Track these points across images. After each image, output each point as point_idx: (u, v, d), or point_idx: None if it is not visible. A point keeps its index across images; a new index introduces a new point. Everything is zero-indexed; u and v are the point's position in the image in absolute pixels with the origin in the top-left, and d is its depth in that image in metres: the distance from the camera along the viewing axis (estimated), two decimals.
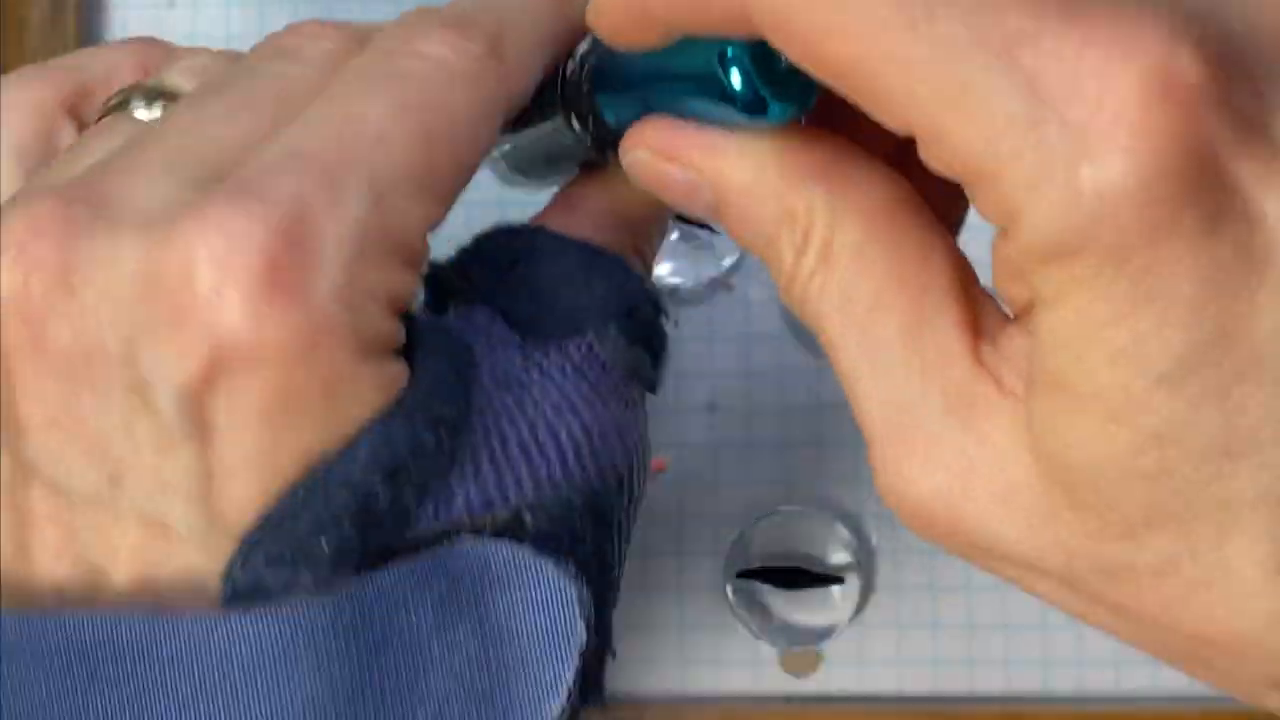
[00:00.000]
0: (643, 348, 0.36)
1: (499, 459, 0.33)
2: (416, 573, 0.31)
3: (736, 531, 0.53)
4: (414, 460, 0.32)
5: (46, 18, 0.55)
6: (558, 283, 0.37)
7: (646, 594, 0.54)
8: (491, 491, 0.33)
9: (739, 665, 0.53)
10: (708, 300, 0.54)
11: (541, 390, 0.35)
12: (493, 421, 0.34)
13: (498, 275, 0.37)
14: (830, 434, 0.53)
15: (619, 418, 0.35)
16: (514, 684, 0.32)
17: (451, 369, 0.34)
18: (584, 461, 0.34)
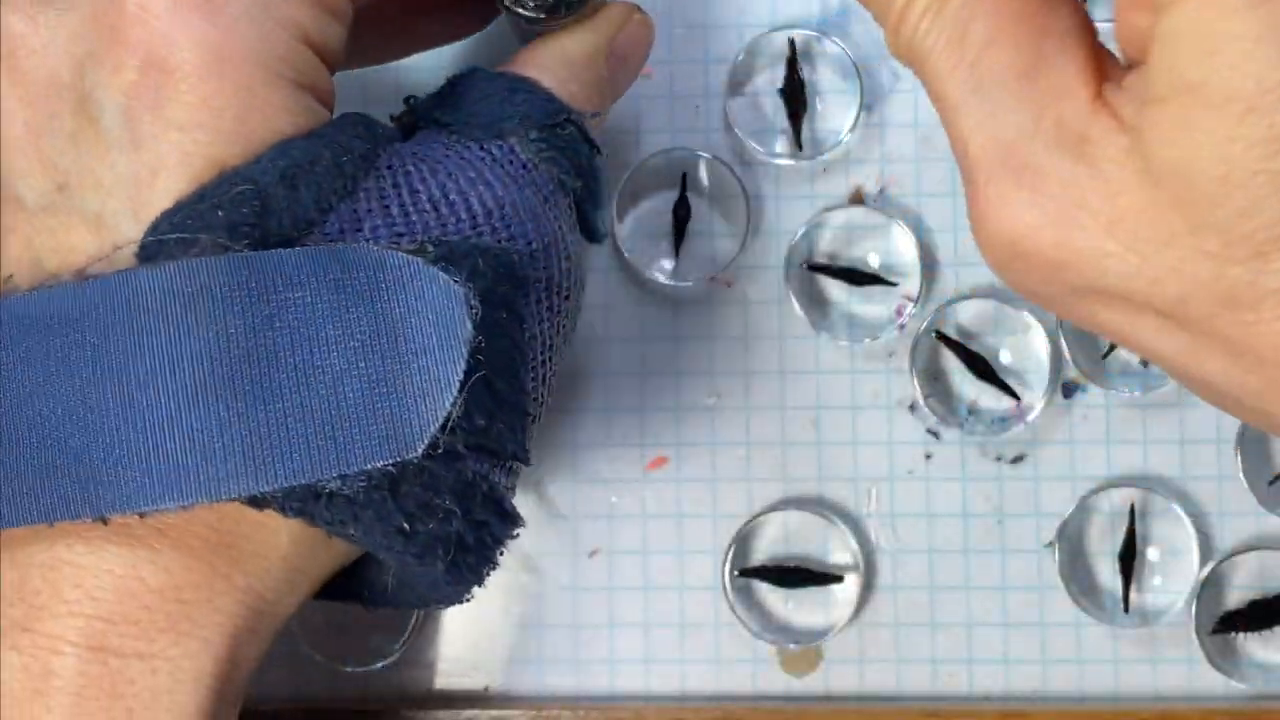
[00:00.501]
0: (566, 159, 0.42)
1: (408, 205, 0.38)
2: (313, 256, 0.36)
3: (736, 530, 0.53)
4: (310, 170, 0.37)
5: None
6: (486, 99, 0.42)
7: (646, 592, 0.54)
8: (399, 227, 0.38)
9: (738, 664, 0.53)
10: (708, 300, 0.54)
11: (459, 164, 0.40)
12: (404, 178, 0.39)
13: (438, 99, 0.43)
14: (830, 434, 0.54)
15: (533, 204, 0.40)
16: (409, 374, 0.36)
17: (364, 123, 0.40)
18: (494, 224, 0.39)
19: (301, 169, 0.37)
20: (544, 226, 0.41)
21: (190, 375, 0.35)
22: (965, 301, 0.53)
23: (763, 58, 0.54)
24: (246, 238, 0.36)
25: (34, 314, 0.36)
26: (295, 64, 0.39)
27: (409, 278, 0.36)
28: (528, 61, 0.44)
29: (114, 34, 0.37)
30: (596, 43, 0.45)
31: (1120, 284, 0.29)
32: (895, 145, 0.54)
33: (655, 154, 0.54)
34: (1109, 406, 0.53)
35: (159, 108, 0.37)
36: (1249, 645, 0.52)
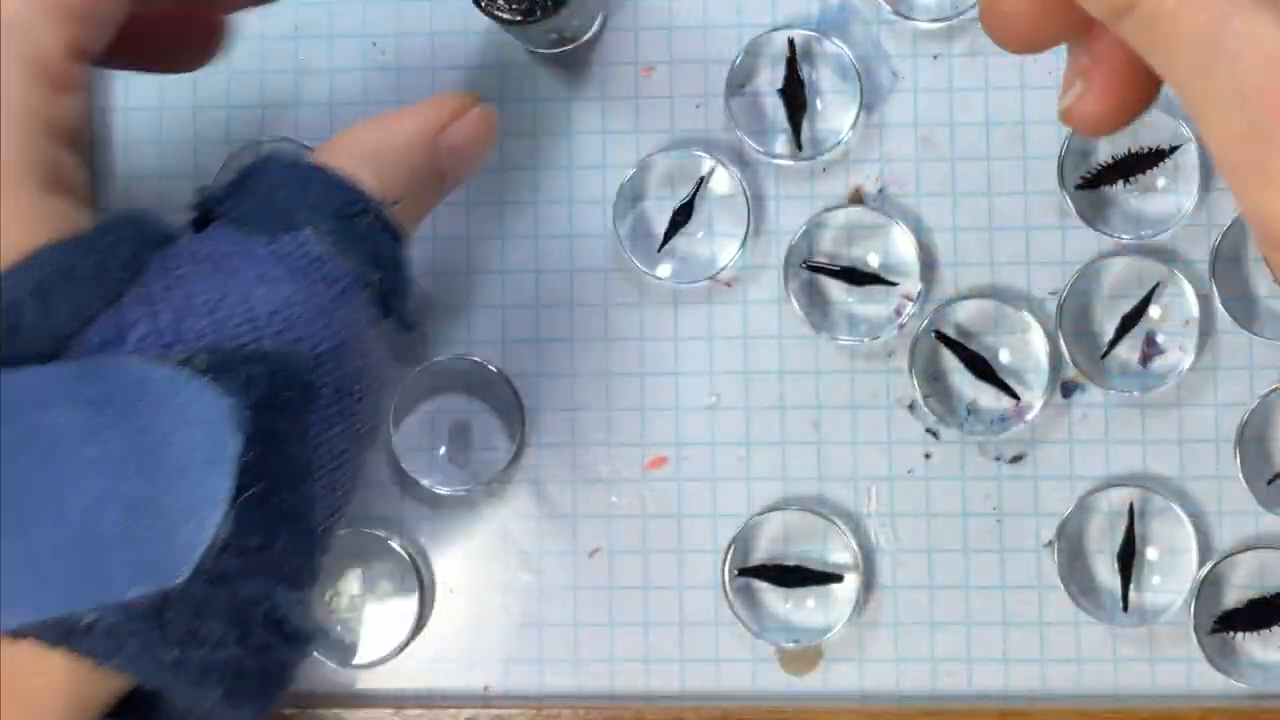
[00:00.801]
0: (364, 251, 0.40)
1: (180, 311, 0.36)
2: (68, 373, 0.34)
3: (736, 530, 0.53)
4: (66, 280, 0.35)
5: None
6: (279, 187, 0.40)
7: (646, 592, 0.54)
8: (168, 336, 0.35)
9: (738, 663, 0.53)
10: (708, 300, 0.54)
11: (243, 262, 0.38)
12: (180, 281, 0.37)
13: (230, 190, 0.40)
14: (830, 433, 0.54)
15: (324, 302, 0.38)
16: (172, 495, 0.34)
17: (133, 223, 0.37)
18: (277, 326, 0.37)
19: (56, 279, 0.35)
20: (335, 325, 0.38)
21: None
22: (964, 301, 0.53)
23: (763, 58, 0.54)
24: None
25: None
26: (42, 162, 0.36)
27: (173, 392, 0.34)
28: (333, 149, 0.42)
29: None
30: (418, 132, 0.43)
31: None
32: (895, 145, 0.54)
33: (655, 154, 0.54)
34: (1108, 406, 0.53)
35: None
36: (1248, 644, 0.53)
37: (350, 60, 0.56)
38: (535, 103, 0.55)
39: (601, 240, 0.55)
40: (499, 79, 0.55)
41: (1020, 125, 0.54)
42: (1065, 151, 0.53)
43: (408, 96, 0.55)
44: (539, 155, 0.55)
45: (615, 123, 0.55)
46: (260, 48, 0.56)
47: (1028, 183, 0.54)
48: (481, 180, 0.55)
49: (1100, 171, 0.53)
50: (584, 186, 0.55)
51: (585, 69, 0.55)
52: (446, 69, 0.55)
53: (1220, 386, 0.53)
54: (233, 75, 0.56)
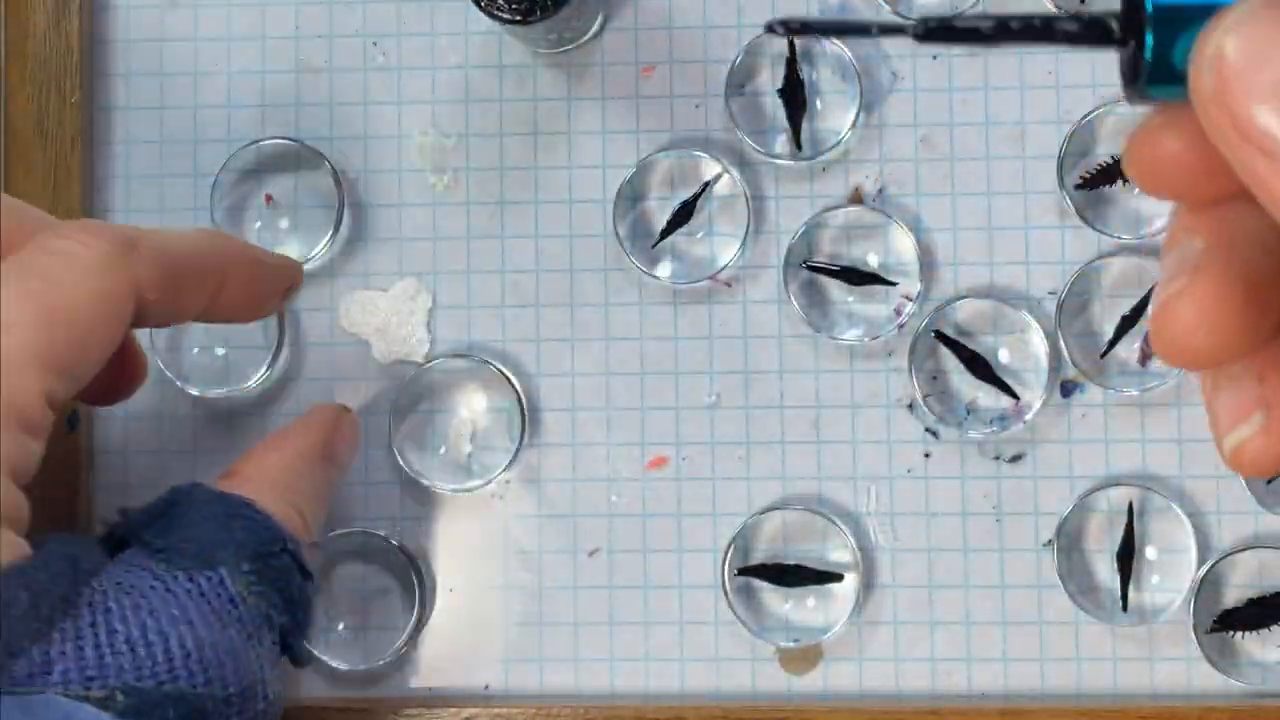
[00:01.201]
0: (276, 593, 0.43)
1: (104, 646, 0.38)
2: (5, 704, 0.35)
3: (736, 529, 0.53)
4: (4, 614, 0.36)
5: (51, 19, 0.55)
6: (202, 522, 0.43)
7: (646, 591, 0.54)
8: (91, 670, 0.37)
9: (738, 663, 0.53)
10: (708, 300, 0.54)
11: (162, 601, 0.40)
12: (104, 616, 0.39)
13: (153, 517, 0.44)
14: (829, 433, 0.54)
15: (236, 644, 0.41)
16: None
17: (68, 560, 0.39)
18: (190, 667, 0.39)
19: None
20: (244, 668, 0.41)
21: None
22: (964, 301, 0.53)
23: (763, 58, 0.55)
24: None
25: None
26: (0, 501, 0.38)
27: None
28: (242, 479, 0.45)
29: None
30: (312, 451, 0.48)
31: None
32: (894, 145, 0.54)
33: (655, 154, 0.54)
34: (1107, 406, 0.53)
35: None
36: (1247, 643, 0.53)
37: (350, 60, 0.56)
38: (535, 103, 0.55)
39: (601, 240, 0.55)
40: (499, 79, 0.55)
41: (1020, 125, 0.54)
42: (1064, 151, 0.53)
43: (408, 96, 0.55)
44: (539, 155, 0.55)
45: (615, 123, 0.55)
46: (260, 48, 0.56)
47: (1027, 183, 0.54)
48: (481, 180, 0.55)
49: (1099, 171, 0.53)
50: (584, 186, 0.55)
51: (585, 69, 0.55)
52: (446, 69, 0.56)
53: None
54: (233, 75, 0.56)
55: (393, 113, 0.56)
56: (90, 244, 0.41)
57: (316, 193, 0.55)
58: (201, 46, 0.56)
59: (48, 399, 0.40)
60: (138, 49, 0.56)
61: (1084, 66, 0.54)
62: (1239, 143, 0.25)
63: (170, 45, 0.56)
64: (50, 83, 0.55)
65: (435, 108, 0.55)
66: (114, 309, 0.41)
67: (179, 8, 0.56)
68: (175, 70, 0.56)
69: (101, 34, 0.56)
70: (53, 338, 0.40)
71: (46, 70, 0.55)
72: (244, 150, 0.55)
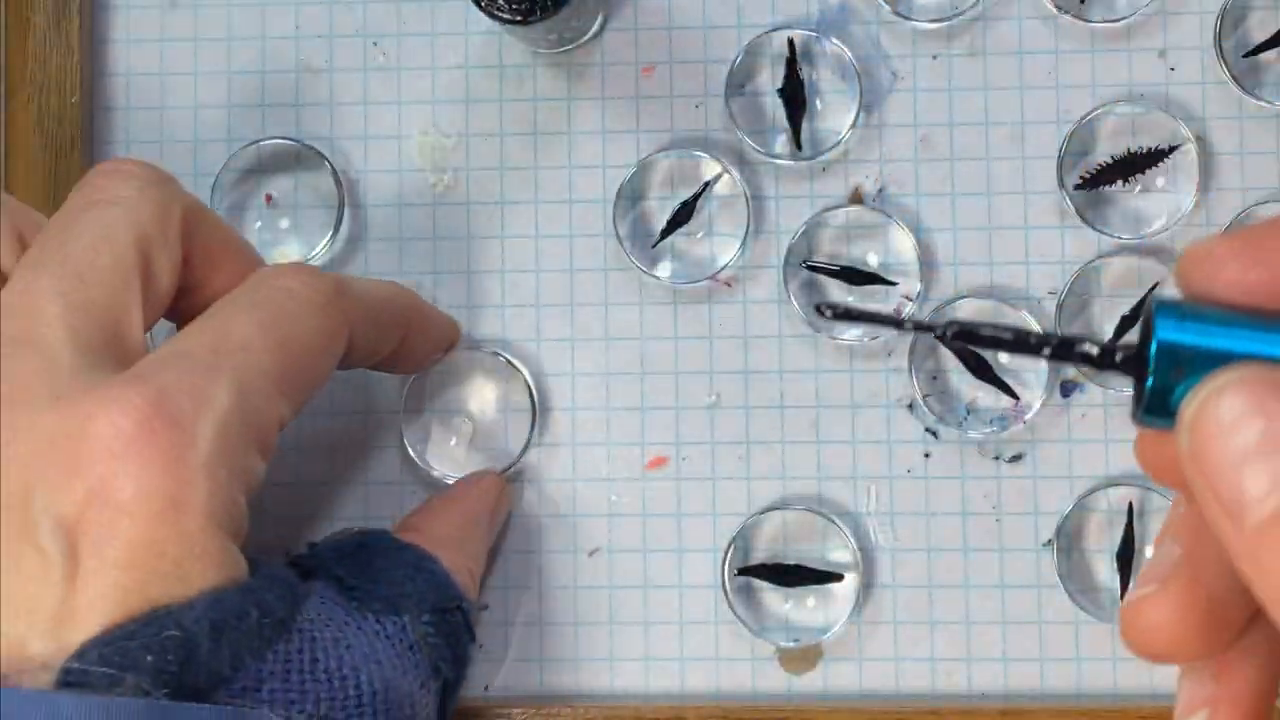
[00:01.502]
0: (448, 647, 0.44)
1: (306, 673, 0.39)
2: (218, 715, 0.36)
3: (736, 529, 0.53)
4: (236, 627, 0.38)
5: (51, 20, 0.55)
6: (391, 570, 0.44)
7: (646, 591, 0.54)
8: (294, 695, 0.39)
9: (738, 663, 0.53)
10: (708, 300, 0.54)
11: (357, 636, 0.42)
12: (309, 644, 0.40)
13: (345, 556, 0.45)
14: (829, 433, 0.54)
15: (413, 690, 0.42)
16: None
17: (286, 584, 0.41)
18: (376, 706, 0.40)
19: (229, 624, 0.38)
20: (417, 715, 0.42)
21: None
22: (964, 300, 0.53)
23: (763, 58, 0.55)
24: (166, 686, 0.37)
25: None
26: (233, 516, 0.40)
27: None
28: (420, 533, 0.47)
29: (72, 463, 0.37)
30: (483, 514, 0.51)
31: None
32: (894, 145, 0.54)
33: (655, 154, 0.54)
34: (1107, 405, 0.53)
35: (104, 544, 0.37)
36: None
37: (350, 60, 0.56)
38: (535, 103, 0.55)
39: (601, 240, 0.55)
40: (499, 79, 0.55)
41: (1019, 125, 0.54)
42: (1064, 151, 0.53)
43: (408, 96, 0.55)
44: (539, 155, 0.55)
45: (615, 123, 0.55)
46: (260, 48, 0.56)
47: (1027, 183, 0.54)
48: (482, 180, 0.55)
49: (1099, 171, 0.53)
50: (584, 186, 0.55)
51: (585, 69, 0.55)
52: (446, 69, 0.56)
53: None
54: (233, 75, 0.56)
55: (393, 113, 0.56)
56: (312, 284, 0.44)
57: (316, 193, 0.55)
58: (201, 46, 0.56)
59: (283, 423, 0.42)
60: (138, 49, 0.56)
61: (1084, 66, 0.54)
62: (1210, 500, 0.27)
63: (170, 45, 0.56)
64: (50, 83, 0.55)
65: (435, 108, 0.55)
66: (333, 346, 0.44)
67: (179, 8, 0.56)
68: (175, 70, 0.56)
69: (101, 34, 0.56)
70: (285, 366, 0.42)
71: (46, 70, 0.55)
72: (244, 150, 0.55)
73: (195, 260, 0.45)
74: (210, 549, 0.39)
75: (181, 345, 0.41)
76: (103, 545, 0.37)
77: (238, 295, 0.43)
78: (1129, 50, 0.54)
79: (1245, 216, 0.53)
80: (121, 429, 0.38)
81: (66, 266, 0.41)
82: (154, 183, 0.44)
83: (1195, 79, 0.54)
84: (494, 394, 0.54)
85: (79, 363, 0.40)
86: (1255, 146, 0.53)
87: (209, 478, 0.39)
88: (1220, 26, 0.53)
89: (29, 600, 0.37)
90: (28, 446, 0.38)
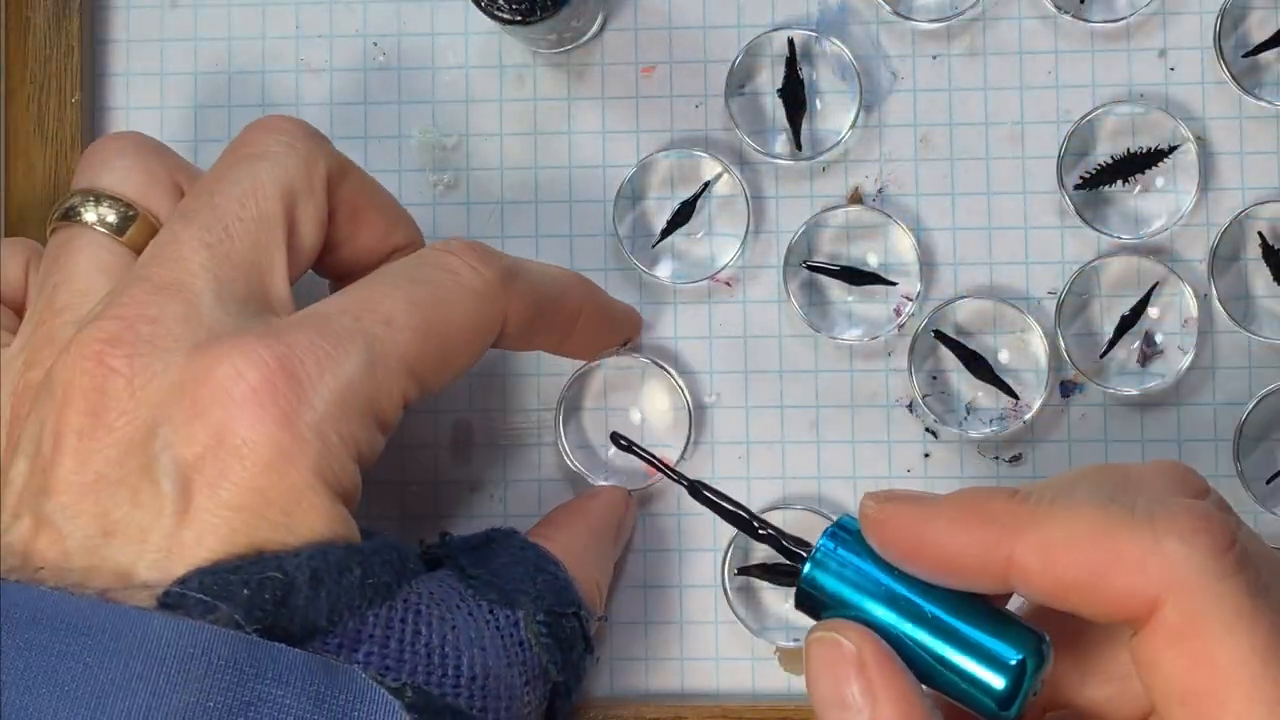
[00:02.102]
0: (560, 651, 0.44)
1: (406, 643, 0.40)
2: (308, 662, 0.37)
3: (736, 529, 0.53)
4: (337, 580, 0.39)
5: (51, 19, 0.55)
6: (513, 565, 0.45)
7: (646, 590, 0.54)
8: (390, 661, 0.39)
9: (738, 662, 0.53)
10: (708, 300, 0.54)
11: (465, 620, 0.42)
12: (413, 616, 0.40)
13: (471, 549, 0.45)
14: (829, 433, 0.54)
15: (516, 684, 0.42)
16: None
17: (398, 552, 0.41)
18: (473, 690, 0.40)
19: (330, 577, 0.39)
20: (516, 710, 0.42)
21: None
22: (964, 300, 0.53)
23: (762, 58, 0.55)
24: (259, 623, 0.38)
25: (49, 612, 0.37)
26: (342, 478, 0.40)
27: (382, 715, 0.37)
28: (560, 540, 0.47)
29: (195, 406, 0.39)
30: (610, 529, 0.51)
31: None
32: (894, 145, 0.54)
33: (655, 154, 0.54)
34: (1107, 405, 0.53)
35: (216, 485, 0.39)
36: None
37: (350, 60, 0.56)
38: (535, 103, 0.55)
39: (601, 240, 0.55)
40: (499, 79, 0.55)
41: (1019, 125, 0.54)
42: (1064, 151, 0.53)
43: (408, 96, 0.55)
44: (539, 155, 0.55)
45: (615, 123, 0.55)
46: (260, 47, 0.56)
47: (1026, 183, 0.54)
48: (482, 180, 0.55)
49: (1099, 171, 0.53)
50: (584, 186, 0.55)
51: (585, 69, 0.55)
52: (446, 69, 0.56)
53: (1218, 386, 0.53)
54: (233, 75, 0.56)
55: (393, 113, 0.56)
56: (479, 271, 0.44)
57: None
58: (201, 46, 0.56)
59: (405, 403, 0.42)
60: (138, 49, 0.56)
61: (1084, 66, 0.54)
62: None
63: (170, 45, 0.56)
64: (50, 83, 0.55)
65: (435, 108, 0.56)
66: (481, 337, 0.44)
67: (179, 8, 0.56)
68: (175, 70, 0.56)
69: (101, 34, 0.56)
70: (424, 349, 0.42)
71: (46, 70, 0.55)
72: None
73: (341, 216, 0.46)
74: (318, 505, 0.40)
75: (325, 308, 0.42)
76: (215, 486, 0.39)
77: (399, 266, 0.44)
78: (1129, 50, 0.54)
79: (1245, 216, 0.53)
80: (245, 378, 0.39)
81: (214, 218, 0.43)
82: (302, 138, 0.45)
83: (1195, 79, 0.54)
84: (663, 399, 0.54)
85: (220, 313, 0.41)
86: (1255, 146, 0.53)
87: (320, 438, 0.39)
88: (1220, 26, 0.53)
89: (141, 531, 0.39)
90: (159, 388, 0.39)
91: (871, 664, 0.36)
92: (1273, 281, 0.53)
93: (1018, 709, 0.36)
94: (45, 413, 0.40)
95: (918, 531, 0.36)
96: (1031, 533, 0.35)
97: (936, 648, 0.36)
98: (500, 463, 0.54)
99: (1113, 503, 0.35)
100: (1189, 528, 0.34)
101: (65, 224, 0.45)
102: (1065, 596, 0.35)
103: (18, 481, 0.40)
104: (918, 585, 0.37)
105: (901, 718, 0.35)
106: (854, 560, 0.37)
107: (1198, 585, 0.34)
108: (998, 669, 0.36)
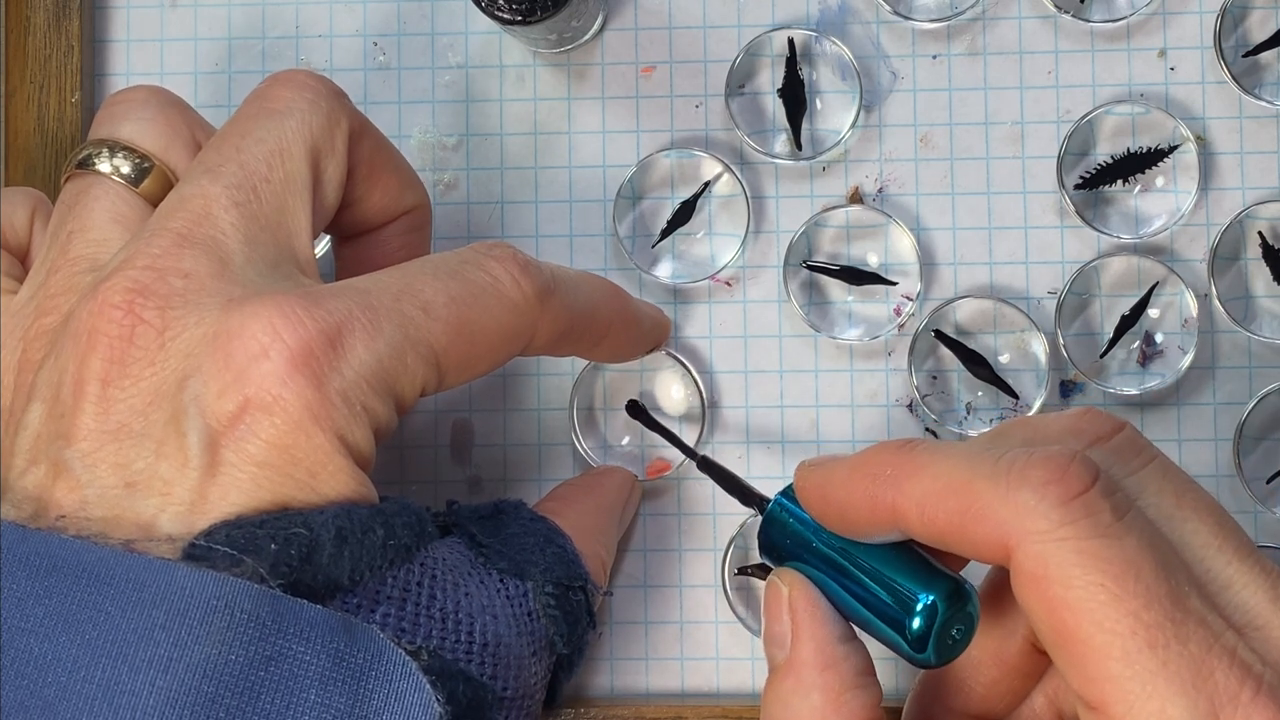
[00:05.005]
0: (566, 624, 0.44)
1: (422, 606, 0.40)
2: (328, 619, 0.37)
3: (736, 529, 0.53)
4: (360, 540, 0.39)
5: (51, 19, 0.55)
6: (523, 536, 0.45)
7: (647, 590, 0.54)
8: (406, 624, 0.40)
9: (738, 662, 0.53)
10: (708, 300, 0.54)
11: (478, 587, 0.42)
12: (430, 580, 0.41)
13: (481, 518, 0.45)
14: (829, 432, 0.54)
15: (524, 653, 0.43)
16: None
17: (417, 516, 0.42)
18: (484, 657, 0.41)
19: (354, 536, 0.39)
20: (524, 677, 0.43)
21: (179, 682, 0.36)
22: (964, 300, 0.53)
23: (763, 58, 0.55)
24: (284, 578, 0.38)
25: (70, 560, 0.37)
26: (362, 446, 0.40)
27: (399, 676, 0.37)
28: (567, 516, 0.48)
29: (226, 360, 0.39)
30: (616, 507, 0.51)
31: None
32: (894, 145, 0.54)
33: (655, 154, 0.54)
34: (1107, 405, 0.53)
35: (243, 441, 0.39)
36: None
37: (350, 60, 0.56)
38: (535, 103, 0.55)
39: (601, 240, 0.55)
40: (499, 79, 0.55)
41: (1019, 125, 0.54)
42: (1064, 151, 0.53)
43: (408, 96, 0.55)
44: (539, 155, 0.55)
45: (615, 123, 0.55)
46: (260, 47, 0.56)
47: (1026, 182, 0.54)
48: (482, 180, 0.55)
49: (1099, 171, 0.53)
50: (584, 186, 0.55)
51: (585, 69, 0.55)
52: (446, 69, 0.56)
53: (1218, 386, 0.53)
54: (233, 75, 0.56)
55: (393, 113, 0.56)
56: (519, 284, 0.44)
57: None
58: (201, 46, 0.56)
59: (424, 389, 0.42)
60: (138, 49, 0.56)
61: (1084, 66, 0.54)
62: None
63: (170, 45, 0.56)
64: (50, 83, 0.55)
65: (435, 108, 0.56)
66: (508, 347, 0.44)
67: (179, 8, 0.56)
68: (175, 70, 0.56)
69: (101, 34, 0.56)
70: (454, 345, 0.42)
71: (46, 70, 0.55)
72: None
73: (358, 175, 0.46)
74: (344, 468, 0.40)
75: (365, 283, 0.42)
76: (244, 441, 0.39)
77: (442, 259, 0.44)
78: (1129, 50, 0.54)
79: (1245, 216, 0.53)
80: (280, 336, 0.39)
81: (243, 177, 0.42)
82: (326, 96, 0.45)
83: (1195, 79, 0.54)
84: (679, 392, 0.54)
85: (250, 272, 0.41)
86: (1255, 146, 0.53)
87: (346, 404, 0.40)
88: (1220, 26, 0.53)
89: (164, 483, 0.38)
90: (190, 339, 0.39)
91: (799, 607, 0.41)
92: (1273, 281, 0.53)
93: (932, 650, 0.39)
94: (65, 359, 0.40)
95: (822, 492, 0.40)
96: (907, 483, 0.38)
97: (862, 594, 0.40)
98: (500, 463, 0.54)
99: (983, 452, 0.37)
100: (1041, 477, 0.35)
101: (80, 173, 0.45)
102: (943, 542, 0.37)
103: (33, 426, 0.40)
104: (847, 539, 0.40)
105: (814, 654, 0.40)
106: (796, 517, 0.41)
107: (1042, 531, 0.35)
108: (910, 611, 0.38)
